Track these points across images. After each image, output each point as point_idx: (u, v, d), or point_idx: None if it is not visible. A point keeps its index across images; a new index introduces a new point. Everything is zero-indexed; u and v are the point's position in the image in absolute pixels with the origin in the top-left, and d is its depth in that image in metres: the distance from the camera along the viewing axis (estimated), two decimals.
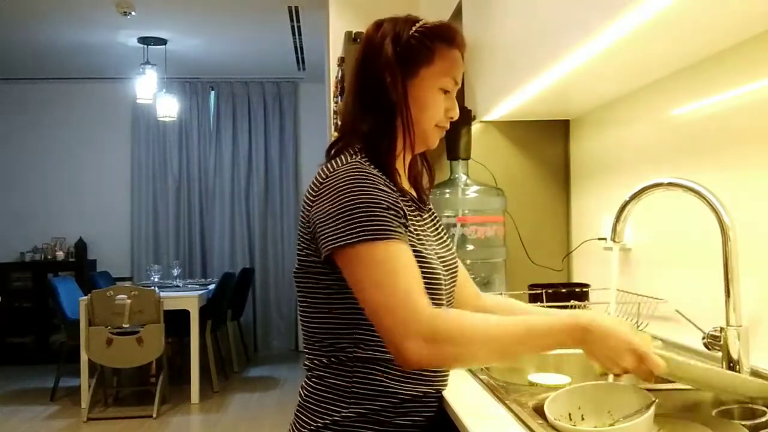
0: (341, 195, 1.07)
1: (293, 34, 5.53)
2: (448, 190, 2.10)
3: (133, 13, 4.89)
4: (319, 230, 1.09)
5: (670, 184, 1.26)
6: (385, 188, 1.09)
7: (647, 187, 1.28)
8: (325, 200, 1.09)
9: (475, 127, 2.27)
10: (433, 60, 1.17)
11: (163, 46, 5.73)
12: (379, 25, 1.21)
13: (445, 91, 1.19)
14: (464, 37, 1.22)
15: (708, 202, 1.21)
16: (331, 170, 1.12)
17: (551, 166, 2.32)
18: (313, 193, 1.12)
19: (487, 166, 2.21)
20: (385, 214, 1.06)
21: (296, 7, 4.91)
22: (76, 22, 5.23)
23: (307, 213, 1.13)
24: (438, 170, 2.26)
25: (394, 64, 1.16)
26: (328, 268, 1.11)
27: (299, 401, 1.20)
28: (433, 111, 1.19)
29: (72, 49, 5.86)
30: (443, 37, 1.18)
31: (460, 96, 2.42)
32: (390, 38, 1.17)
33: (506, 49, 1.93)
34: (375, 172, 1.11)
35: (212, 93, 7.06)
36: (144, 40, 5.61)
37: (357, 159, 1.13)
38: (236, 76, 6.92)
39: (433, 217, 1.31)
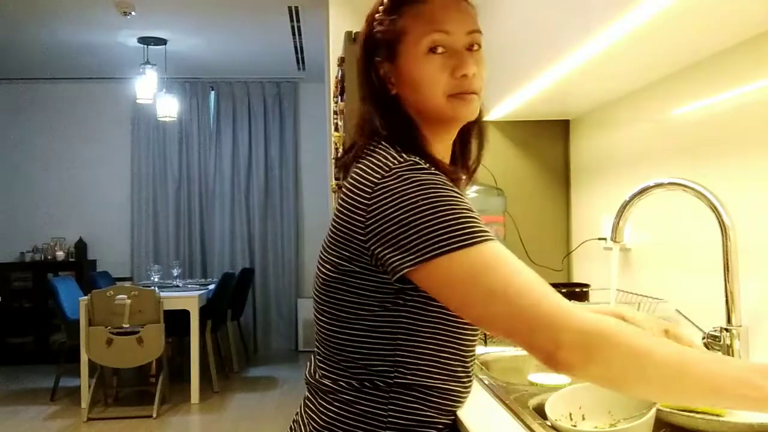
0: (412, 200, 0.90)
1: (293, 34, 5.53)
2: None
3: (133, 13, 4.89)
4: (389, 243, 0.92)
5: (670, 184, 1.26)
6: (448, 184, 0.94)
7: (647, 187, 1.28)
8: (395, 206, 0.91)
9: None
10: (403, 31, 1.02)
11: (163, 46, 5.73)
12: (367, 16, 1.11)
13: (435, 50, 1.00)
14: None
15: (708, 202, 1.21)
16: (384, 170, 0.95)
17: (551, 166, 2.32)
18: (368, 198, 0.95)
19: (487, 166, 2.20)
20: (471, 214, 0.92)
21: (296, 7, 4.91)
22: (76, 22, 5.23)
23: (357, 220, 0.96)
24: None
25: (370, 59, 1.06)
26: (381, 281, 0.96)
27: (314, 426, 1.04)
28: (429, 83, 1.01)
29: (72, 49, 5.86)
30: (405, 0, 1.03)
31: None
32: (363, 38, 1.08)
33: (506, 49, 1.93)
34: (433, 170, 0.95)
35: (212, 93, 7.06)
36: (144, 40, 5.61)
37: (409, 157, 0.97)
38: (236, 76, 6.92)
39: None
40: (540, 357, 0.83)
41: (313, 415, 1.05)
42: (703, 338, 1.30)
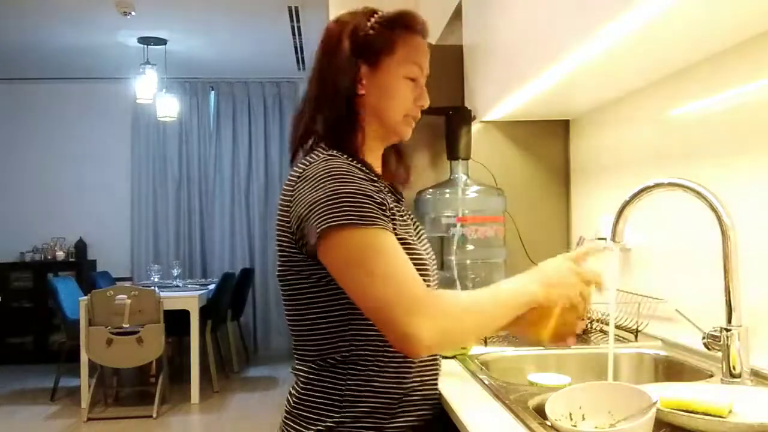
0: (324, 184, 1.05)
1: (293, 34, 5.53)
2: (448, 190, 2.10)
3: (133, 13, 4.89)
4: (304, 221, 1.06)
5: (670, 184, 1.26)
6: (365, 179, 1.08)
7: (647, 187, 1.28)
8: (307, 191, 1.07)
9: (475, 127, 2.27)
10: (394, 48, 1.16)
11: (163, 46, 5.74)
12: (338, 20, 1.20)
13: (412, 79, 1.18)
14: (426, 24, 1.20)
15: (708, 202, 1.21)
16: (308, 164, 1.11)
17: (551, 166, 2.32)
18: (291, 188, 1.11)
19: (487, 166, 2.21)
20: (369, 203, 1.04)
21: (296, 7, 4.91)
22: (76, 22, 5.23)
23: (287, 209, 1.12)
24: (438, 170, 2.26)
25: (352, 56, 1.15)
26: (315, 264, 1.08)
27: (287, 408, 1.16)
28: (400, 100, 1.17)
29: (72, 49, 5.86)
30: (403, 24, 1.17)
31: (460, 95, 2.43)
32: (348, 32, 1.16)
33: (506, 49, 1.93)
34: (353, 163, 1.11)
35: (212, 93, 7.06)
36: (144, 40, 5.61)
37: (332, 152, 1.12)
38: (236, 76, 6.92)
39: (410, 214, 1.28)
40: (402, 340, 0.97)
41: (289, 398, 1.17)
42: (703, 338, 1.30)
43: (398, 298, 0.98)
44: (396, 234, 1.08)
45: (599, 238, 2.04)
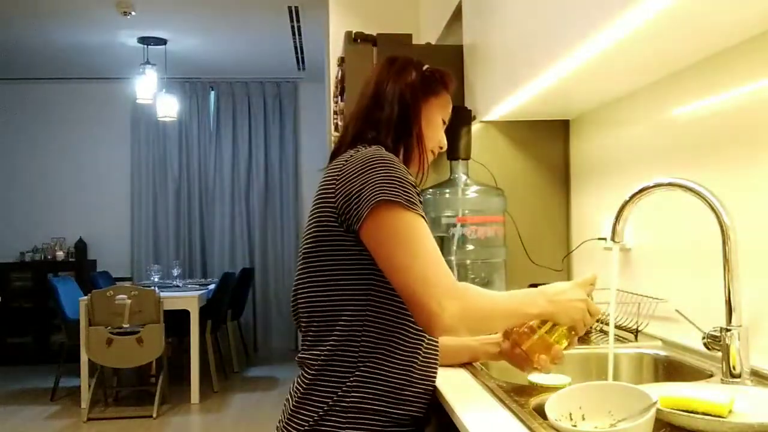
0: (377, 165, 1.14)
1: (293, 34, 5.53)
2: (448, 190, 2.10)
3: (133, 13, 4.90)
4: (355, 197, 1.13)
5: (670, 184, 1.26)
6: (409, 172, 1.18)
7: (647, 187, 1.28)
8: (359, 171, 1.15)
9: (475, 127, 2.27)
10: (439, 93, 1.37)
11: (163, 46, 5.74)
12: (394, 58, 1.38)
13: (443, 123, 1.38)
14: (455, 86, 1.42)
15: (708, 202, 1.20)
16: (355, 152, 1.20)
17: (551, 166, 2.32)
18: (340, 170, 1.18)
19: (487, 166, 2.21)
20: (414, 190, 1.15)
21: (296, 7, 4.91)
22: (76, 22, 5.23)
23: (332, 187, 1.18)
24: (438, 170, 2.26)
25: (417, 85, 1.33)
26: (352, 241, 1.15)
27: (297, 398, 1.19)
28: (437, 133, 1.37)
29: (72, 49, 5.87)
30: (444, 81, 1.38)
31: (460, 95, 2.43)
32: (413, 66, 1.36)
33: (506, 49, 1.93)
34: (395, 158, 1.20)
35: (212, 93, 7.06)
36: (144, 40, 5.61)
37: (377, 146, 1.23)
38: (236, 76, 6.92)
39: None
40: (423, 313, 1.07)
41: (297, 386, 1.21)
42: (703, 338, 1.30)
43: (436, 279, 1.08)
44: None
45: (599, 238, 2.04)
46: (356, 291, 1.16)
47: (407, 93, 1.32)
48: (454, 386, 1.27)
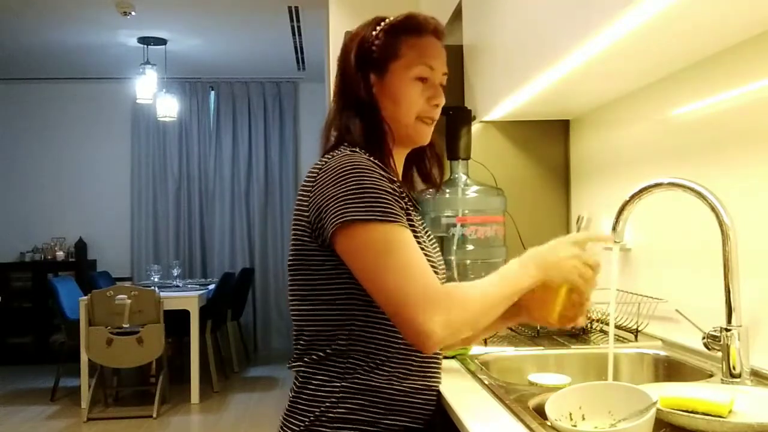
0: (346, 177, 1.08)
1: (293, 34, 5.53)
2: (448, 190, 2.10)
3: (133, 13, 4.89)
4: (324, 212, 1.08)
5: (670, 184, 1.26)
6: (385, 178, 1.10)
7: (647, 187, 1.28)
8: (329, 183, 1.09)
9: (475, 127, 2.27)
10: (398, 53, 1.19)
11: (163, 46, 5.74)
12: (350, 34, 1.26)
13: (422, 79, 1.20)
14: (435, 22, 1.23)
15: (708, 202, 1.21)
16: (330, 157, 1.13)
17: (551, 166, 2.32)
18: (313, 180, 1.13)
19: (487, 166, 2.20)
20: (390, 199, 1.08)
21: (296, 7, 4.91)
22: (76, 22, 5.23)
23: (306, 199, 1.13)
24: None
25: (360, 64, 1.20)
26: (328, 254, 1.10)
27: (289, 405, 1.18)
28: (408, 103, 1.20)
29: (72, 49, 5.87)
30: (408, 29, 1.20)
31: (460, 95, 2.43)
32: (356, 42, 1.22)
33: (506, 49, 1.93)
34: (374, 161, 1.13)
35: (212, 93, 7.06)
36: (144, 40, 5.61)
37: (354, 149, 1.15)
38: (236, 76, 6.92)
39: (424, 225, 1.32)
40: (411, 330, 1.01)
41: (290, 394, 1.19)
42: (703, 338, 1.30)
43: (414, 293, 1.02)
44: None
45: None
46: (338, 304, 1.13)
47: (350, 74, 1.21)
48: (454, 386, 1.27)
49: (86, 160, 6.93)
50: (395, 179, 1.16)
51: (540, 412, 1.05)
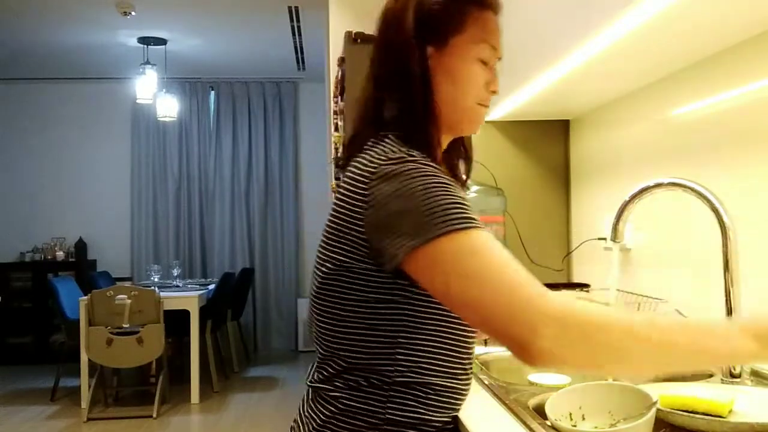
0: (411, 186, 0.90)
1: (293, 34, 5.53)
2: None
3: (133, 13, 4.89)
4: (389, 230, 0.91)
5: (670, 184, 1.26)
6: (449, 180, 0.94)
7: (647, 187, 1.28)
8: (391, 195, 0.91)
9: None
10: (463, 26, 1.02)
11: (163, 46, 5.73)
12: (386, 7, 1.05)
13: (483, 62, 1.04)
14: None
15: (708, 202, 1.21)
16: (383, 160, 0.94)
17: (551, 166, 2.32)
18: (365, 188, 0.94)
19: (487, 166, 2.21)
20: (462, 202, 0.91)
21: (296, 7, 4.91)
22: (76, 22, 5.23)
23: (358, 212, 0.95)
24: None
25: (417, 34, 1.00)
26: (385, 276, 0.95)
27: (313, 426, 1.03)
28: (471, 85, 1.03)
29: (72, 49, 5.86)
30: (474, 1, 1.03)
31: None
32: (412, 6, 1.02)
33: (506, 49, 1.93)
34: (430, 162, 0.95)
35: (212, 93, 7.06)
36: (144, 40, 5.61)
37: (409, 150, 0.96)
38: (236, 76, 6.92)
39: None
40: (515, 347, 0.82)
41: (313, 414, 1.04)
42: None
43: (519, 302, 0.82)
44: None
45: (599, 238, 2.04)
46: (382, 329, 0.98)
47: (401, 42, 1.01)
48: None
49: (86, 160, 6.93)
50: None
51: (540, 412, 1.05)
